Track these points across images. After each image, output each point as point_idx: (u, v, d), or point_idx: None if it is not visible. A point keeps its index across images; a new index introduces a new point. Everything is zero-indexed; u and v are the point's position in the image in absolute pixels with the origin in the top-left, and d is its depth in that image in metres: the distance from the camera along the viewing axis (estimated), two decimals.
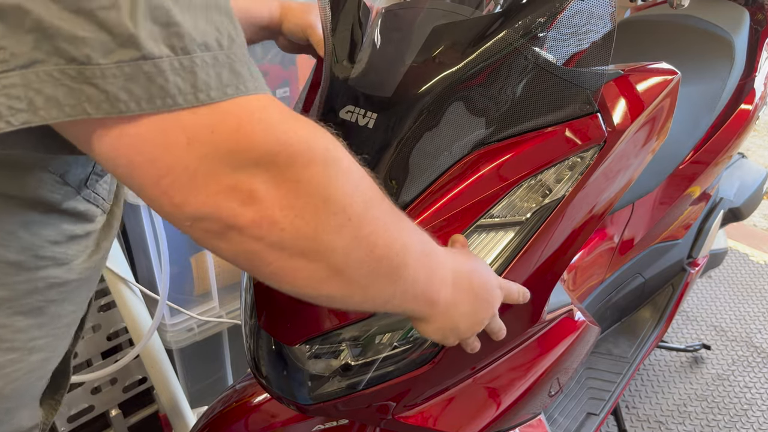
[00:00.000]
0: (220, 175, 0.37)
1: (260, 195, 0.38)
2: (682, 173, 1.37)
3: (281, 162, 0.38)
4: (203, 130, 0.36)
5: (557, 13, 0.65)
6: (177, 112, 0.35)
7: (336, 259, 0.43)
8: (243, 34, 0.39)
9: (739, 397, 1.76)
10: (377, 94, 0.67)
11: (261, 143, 0.37)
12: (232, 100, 0.37)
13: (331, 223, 0.41)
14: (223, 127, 0.36)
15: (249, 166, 0.37)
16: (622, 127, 0.71)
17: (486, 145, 0.67)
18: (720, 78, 1.36)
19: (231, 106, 0.37)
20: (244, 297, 0.75)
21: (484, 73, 0.65)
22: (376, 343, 0.67)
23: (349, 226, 0.42)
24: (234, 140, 0.37)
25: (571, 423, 1.22)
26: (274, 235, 0.39)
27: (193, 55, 0.35)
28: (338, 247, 0.42)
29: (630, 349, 1.46)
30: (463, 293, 0.56)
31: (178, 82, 0.35)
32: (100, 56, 0.33)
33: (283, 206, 0.39)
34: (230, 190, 0.37)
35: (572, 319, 0.86)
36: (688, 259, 1.62)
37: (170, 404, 1.33)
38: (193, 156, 0.36)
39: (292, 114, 0.40)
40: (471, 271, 0.57)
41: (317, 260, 0.42)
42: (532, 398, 0.81)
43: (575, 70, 0.68)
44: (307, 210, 0.40)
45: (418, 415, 0.74)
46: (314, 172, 0.39)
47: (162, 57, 0.34)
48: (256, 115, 0.38)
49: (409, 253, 0.48)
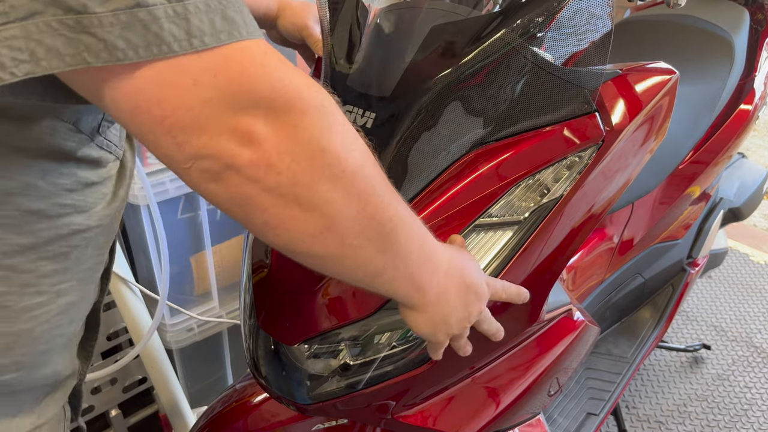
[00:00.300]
0: (222, 116, 0.38)
1: (259, 137, 0.39)
2: (681, 173, 1.36)
3: (280, 107, 0.39)
4: (206, 73, 0.37)
5: (555, 13, 0.66)
6: (177, 58, 0.36)
7: (329, 209, 0.43)
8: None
9: (739, 397, 1.76)
10: (375, 94, 0.67)
11: (262, 87, 0.39)
12: (234, 44, 0.38)
13: (326, 173, 0.42)
14: (226, 70, 0.38)
15: (250, 108, 0.39)
16: (620, 126, 0.71)
17: (484, 144, 0.68)
18: (720, 78, 1.36)
19: (233, 51, 0.38)
20: (244, 297, 0.75)
21: (482, 72, 0.65)
22: (375, 342, 0.67)
23: (343, 178, 0.43)
24: (237, 83, 0.38)
25: (570, 423, 1.22)
26: (270, 179, 0.40)
27: (185, 2, 0.36)
28: (332, 199, 0.43)
29: (630, 350, 1.46)
30: (455, 284, 0.56)
31: (173, 29, 0.36)
32: (97, 5, 0.34)
33: (280, 150, 0.40)
34: (231, 131, 0.38)
35: (571, 318, 0.86)
36: (688, 259, 1.62)
37: (170, 404, 1.33)
38: (198, 98, 0.37)
39: (290, 64, 0.41)
40: (463, 266, 0.58)
41: (310, 210, 0.43)
42: (531, 398, 0.81)
43: (573, 69, 0.68)
44: (303, 156, 0.41)
45: (417, 414, 0.74)
46: (311, 120, 0.41)
47: (156, 4, 0.35)
48: (257, 60, 0.39)
49: (402, 223, 0.48)
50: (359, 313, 0.66)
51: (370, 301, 0.65)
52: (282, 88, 0.39)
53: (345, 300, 0.66)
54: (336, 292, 0.66)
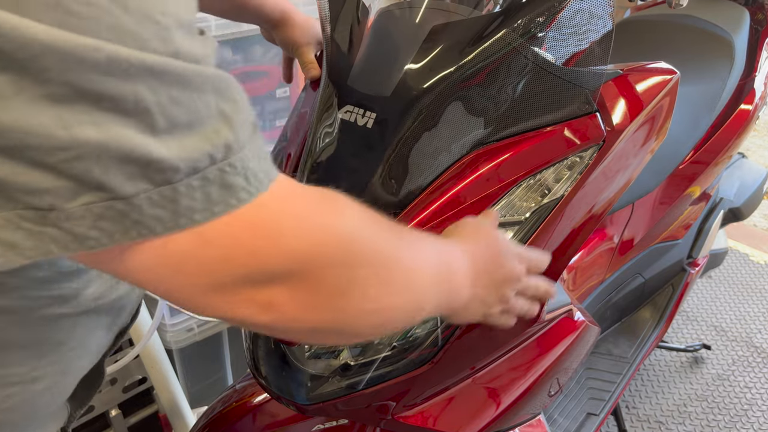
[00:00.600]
0: (228, 292, 0.36)
1: (278, 304, 0.38)
2: (682, 173, 1.36)
3: (295, 275, 0.37)
4: (191, 254, 0.34)
5: (556, 13, 0.66)
6: (162, 238, 0.33)
7: (358, 326, 0.43)
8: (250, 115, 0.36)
9: (739, 397, 1.76)
10: (376, 94, 0.67)
11: (272, 261, 0.36)
12: (225, 216, 0.34)
13: (351, 308, 0.41)
14: (213, 250, 0.34)
15: (269, 282, 0.37)
16: (621, 126, 0.71)
17: (485, 144, 0.67)
18: (720, 78, 1.36)
19: (224, 226, 0.34)
20: None
21: (482, 72, 0.65)
22: (376, 343, 0.67)
23: (369, 307, 0.42)
24: (244, 260, 0.35)
25: (571, 423, 1.22)
26: (292, 328, 0.40)
27: (176, 183, 0.32)
28: (364, 317, 0.43)
29: (630, 350, 1.46)
30: (481, 285, 0.56)
31: (158, 213, 0.32)
32: (64, 202, 0.30)
33: (301, 308, 0.38)
34: (245, 302, 0.37)
35: (572, 319, 0.86)
36: (688, 259, 1.62)
37: (170, 404, 1.33)
38: (193, 278, 0.35)
39: (299, 205, 0.38)
40: (483, 256, 0.57)
41: (344, 333, 0.43)
42: (531, 398, 0.81)
43: (574, 69, 0.68)
44: (326, 305, 0.40)
45: (417, 415, 0.74)
46: (331, 273, 0.39)
47: (138, 194, 0.31)
48: (259, 231, 0.35)
49: (425, 297, 0.48)
50: None
51: None
52: (296, 256, 0.37)
53: None
54: None
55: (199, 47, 0.32)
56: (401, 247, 0.45)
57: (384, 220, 0.45)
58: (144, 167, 0.31)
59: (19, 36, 0.26)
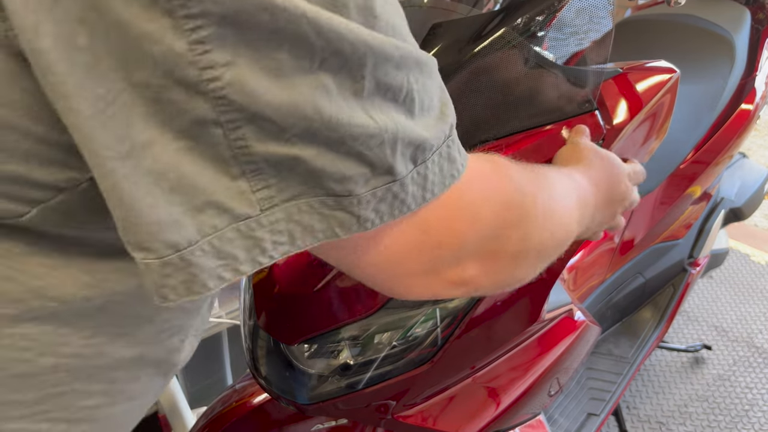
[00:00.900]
0: (430, 275, 0.40)
1: (470, 279, 0.41)
2: (682, 173, 1.36)
3: (484, 246, 0.41)
4: (434, 223, 0.38)
5: (556, 11, 0.65)
6: (412, 215, 0.36)
7: (523, 277, 0.47)
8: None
9: (740, 397, 1.76)
10: None
11: (472, 239, 0.40)
12: (452, 189, 0.38)
13: (526, 263, 0.45)
14: (438, 225, 0.38)
15: (462, 258, 0.40)
16: (620, 125, 0.71)
17: (484, 143, 0.67)
18: (721, 77, 1.36)
19: (450, 201, 0.38)
20: (243, 297, 0.75)
21: (482, 71, 0.65)
22: (375, 342, 0.67)
23: (536, 257, 0.46)
24: (450, 237, 0.39)
25: (571, 423, 1.22)
26: (477, 292, 0.45)
27: (428, 161, 0.36)
28: (526, 275, 0.47)
29: (631, 350, 1.46)
30: (603, 206, 0.60)
31: (414, 191, 0.35)
32: (359, 187, 0.33)
33: (488, 277, 0.42)
34: (442, 282, 0.41)
35: (572, 318, 0.86)
36: (689, 259, 1.61)
37: (169, 404, 1.32)
38: (415, 264, 0.39)
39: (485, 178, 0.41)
40: (602, 179, 0.60)
41: (509, 286, 0.48)
42: (531, 398, 0.81)
43: (574, 68, 0.68)
44: (508, 266, 0.44)
45: (417, 414, 0.74)
46: (512, 234, 0.42)
47: (407, 174, 0.35)
48: (471, 206, 0.39)
49: (573, 228, 0.51)
50: (359, 312, 0.65)
51: (370, 300, 0.65)
52: (487, 230, 0.40)
53: (345, 299, 0.66)
54: (336, 292, 0.66)
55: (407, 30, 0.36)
56: (551, 188, 0.49)
57: (528, 166, 0.49)
58: (415, 149, 0.34)
59: (354, 38, 0.29)
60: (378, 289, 0.42)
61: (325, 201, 0.33)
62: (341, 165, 0.32)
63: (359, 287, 0.64)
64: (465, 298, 0.68)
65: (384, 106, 0.32)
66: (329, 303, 0.66)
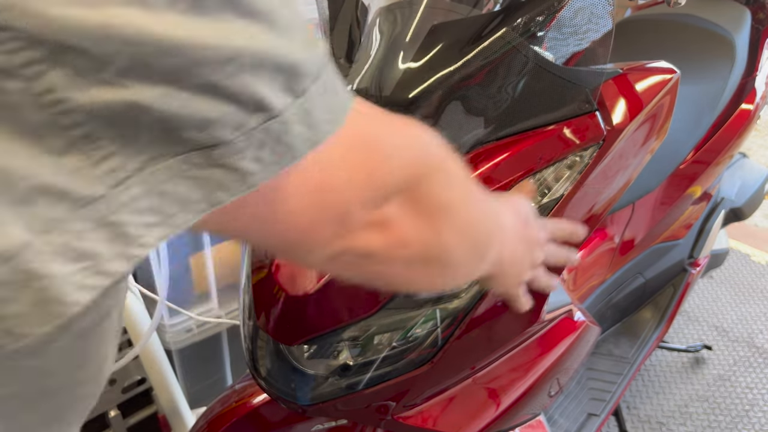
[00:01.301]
0: (356, 216, 0.35)
1: (391, 221, 0.37)
2: (682, 173, 1.36)
3: (412, 182, 0.37)
4: (322, 174, 0.32)
5: (556, 12, 0.65)
6: (301, 163, 0.30)
7: (449, 256, 0.43)
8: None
9: (740, 397, 1.76)
10: (375, 93, 0.67)
11: (392, 169, 0.36)
12: (343, 128, 0.31)
13: (452, 225, 0.41)
14: (347, 162, 0.33)
15: (383, 197, 0.36)
16: (621, 125, 0.71)
17: (484, 144, 0.67)
18: (721, 77, 1.36)
19: (344, 137, 0.32)
20: (243, 297, 0.75)
21: (482, 72, 0.65)
22: (375, 343, 0.67)
23: (461, 222, 0.42)
24: (366, 177, 0.34)
25: (571, 424, 1.22)
26: (402, 254, 0.39)
27: (308, 91, 0.29)
28: (454, 246, 0.43)
29: (631, 350, 1.46)
30: (517, 241, 0.56)
31: (300, 130, 0.29)
32: (229, 132, 0.26)
33: (411, 226, 0.38)
34: (366, 226, 0.36)
35: (572, 319, 0.86)
36: (689, 260, 1.61)
37: (169, 405, 1.32)
38: (327, 210, 0.33)
39: (393, 117, 0.37)
40: (515, 214, 0.57)
41: (434, 263, 0.42)
42: (531, 398, 0.80)
43: (574, 68, 0.68)
44: (433, 220, 0.40)
45: (417, 415, 0.74)
46: (437, 180, 0.39)
47: (286, 108, 0.28)
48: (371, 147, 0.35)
49: (490, 240, 0.48)
50: (359, 313, 0.65)
51: (370, 300, 0.65)
52: (410, 162, 0.37)
53: (345, 300, 0.66)
54: (336, 293, 0.66)
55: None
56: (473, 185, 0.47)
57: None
58: (288, 76, 0.28)
59: None
60: (296, 257, 0.38)
61: (190, 158, 0.26)
62: (196, 105, 0.25)
63: (359, 288, 0.63)
64: (465, 299, 0.68)
65: (234, 18, 0.25)
66: (329, 303, 0.66)
